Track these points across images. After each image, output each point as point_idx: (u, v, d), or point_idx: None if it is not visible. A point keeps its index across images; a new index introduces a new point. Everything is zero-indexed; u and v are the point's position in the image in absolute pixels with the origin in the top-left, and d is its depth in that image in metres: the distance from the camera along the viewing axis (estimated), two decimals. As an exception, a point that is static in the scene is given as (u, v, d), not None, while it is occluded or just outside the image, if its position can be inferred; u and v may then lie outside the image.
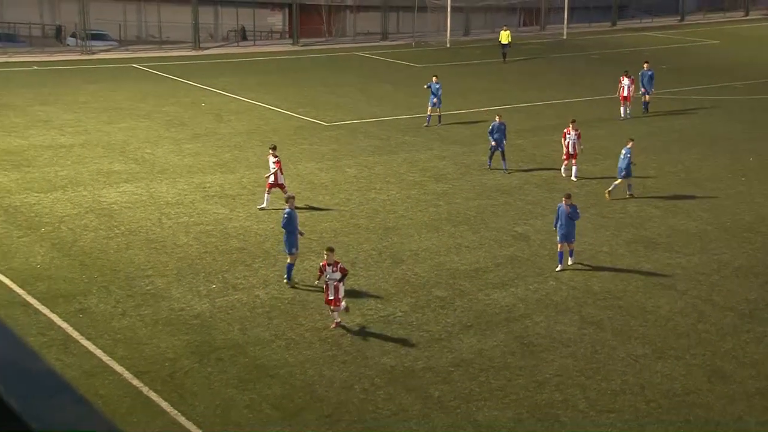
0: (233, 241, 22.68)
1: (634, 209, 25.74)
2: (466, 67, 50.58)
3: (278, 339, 17.54)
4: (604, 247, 22.76)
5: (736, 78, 46.61)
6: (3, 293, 19.28)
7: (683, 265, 21.79)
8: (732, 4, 75.69)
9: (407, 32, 61.61)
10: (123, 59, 50.73)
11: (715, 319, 18.85)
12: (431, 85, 34.67)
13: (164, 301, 19.13)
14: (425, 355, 17.00)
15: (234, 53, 54.78)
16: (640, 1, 76.56)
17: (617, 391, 15.91)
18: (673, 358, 17.15)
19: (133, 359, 16.58)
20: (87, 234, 22.92)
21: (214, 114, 36.91)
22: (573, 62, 52.99)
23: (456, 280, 20.55)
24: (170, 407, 14.99)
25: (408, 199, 26.34)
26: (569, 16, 62.83)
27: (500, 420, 14.89)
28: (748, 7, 74.61)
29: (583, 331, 18.15)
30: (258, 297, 19.40)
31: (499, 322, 18.48)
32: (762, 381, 16.39)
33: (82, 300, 19.03)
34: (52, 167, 28.69)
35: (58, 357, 16.43)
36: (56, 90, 40.93)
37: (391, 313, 18.79)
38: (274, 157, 24.87)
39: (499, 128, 28.78)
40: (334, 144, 32.56)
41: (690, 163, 30.51)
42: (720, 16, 73.30)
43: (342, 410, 15.07)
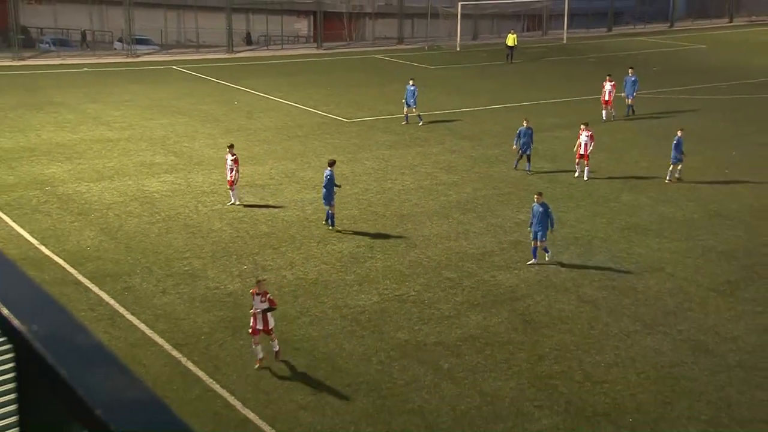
0: (262, 226, 22.72)
1: (627, 199, 25.59)
2: (474, 68, 50.33)
3: (303, 316, 17.58)
4: (600, 234, 22.65)
5: (721, 79, 46.16)
6: (57, 272, 19.42)
7: (671, 249, 21.66)
8: (717, 11, 74.88)
9: (421, 37, 61.39)
10: (164, 62, 50.81)
11: (700, 299, 18.75)
12: (408, 87, 34.21)
13: (200, 280, 19.20)
14: (436, 331, 17.00)
15: (263, 56, 54.72)
16: (633, 8, 75.94)
17: (610, 363, 15.86)
18: (661, 333, 17.08)
19: (173, 333, 16.67)
20: (131, 219, 23.02)
21: (246, 111, 36.92)
22: (572, 65, 52.64)
23: (464, 262, 20.51)
24: (206, 376, 15.08)
25: (421, 189, 26.29)
26: (569, 22, 62.38)
27: (504, 390, 14.89)
28: (732, 15, 73.80)
29: (580, 310, 18.10)
30: (285, 277, 19.44)
31: (504, 301, 18.45)
32: (741, 354, 16.30)
33: (127, 279, 19.14)
34: (101, 159, 28.81)
35: (106, 330, 16.54)
36: (104, 89, 41.04)
37: (405, 292, 18.79)
38: (231, 156, 23.98)
39: (526, 132, 27.66)
40: (354, 138, 32.51)
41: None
42: (707, 22, 72.55)
43: (360, 380, 15.10)
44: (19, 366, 1.69)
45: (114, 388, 1.51)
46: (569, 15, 62.14)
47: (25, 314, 1.66)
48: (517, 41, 52.21)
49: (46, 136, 31.61)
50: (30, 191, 25.15)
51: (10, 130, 32.39)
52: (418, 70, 49.32)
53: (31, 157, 28.81)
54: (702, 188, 26.79)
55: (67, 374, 1.49)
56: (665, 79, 46.22)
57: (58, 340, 1.59)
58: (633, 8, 76.08)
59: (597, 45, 61.07)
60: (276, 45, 58.69)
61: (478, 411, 14.23)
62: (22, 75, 44.57)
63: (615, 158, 29.70)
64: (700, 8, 75.37)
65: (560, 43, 61.02)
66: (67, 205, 24.04)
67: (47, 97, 38.62)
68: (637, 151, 31.08)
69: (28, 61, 48.61)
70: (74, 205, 24.10)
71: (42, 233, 21.75)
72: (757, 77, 47.02)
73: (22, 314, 1.66)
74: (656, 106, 38.96)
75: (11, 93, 39.18)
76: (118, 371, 1.55)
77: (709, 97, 41.31)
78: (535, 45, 60.01)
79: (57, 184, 25.97)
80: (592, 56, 55.47)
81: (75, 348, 1.59)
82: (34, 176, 26.64)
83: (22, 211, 23.43)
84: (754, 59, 53.96)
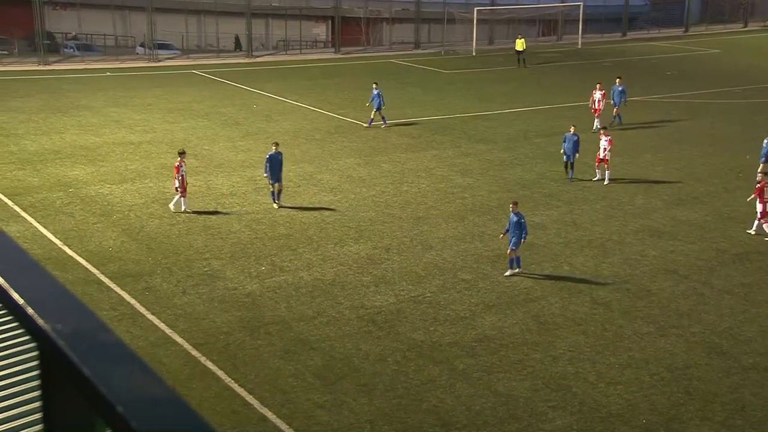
0: (280, 228, 22.78)
1: (641, 201, 25.46)
2: (490, 73, 50.25)
3: (320, 316, 17.61)
4: (614, 236, 22.55)
5: (736, 83, 45.84)
6: (80, 272, 19.55)
7: (685, 252, 21.53)
8: (732, 16, 74.38)
9: (437, 42, 61.34)
10: (185, 66, 51.05)
11: (714, 301, 18.62)
12: (373, 92, 33.96)
13: (220, 281, 19.27)
14: (451, 332, 16.98)
15: (282, 60, 54.88)
16: (648, 13, 75.53)
17: (624, 365, 15.78)
18: (675, 335, 16.98)
19: (192, 332, 16.75)
20: (152, 221, 23.15)
21: (265, 115, 37.03)
22: (587, 69, 52.45)
23: (479, 264, 20.48)
24: (225, 375, 15.13)
25: (437, 192, 26.27)
26: (584, 27, 62.16)
27: (518, 390, 14.84)
28: (746, 20, 73.30)
29: (594, 311, 18.03)
30: (302, 278, 19.48)
31: (518, 303, 18.40)
32: (755, 357, 16.18)
33: (148, 279, 19.24)
34: (123, 162, 28.98)
35: (128, 329, 16.64)
36: (127, 93, 41.29)
37: (421, 293, 18.78)
38: (184, 163, 23.59)
39: (572, 139, 27.11)
40: (371, 142, 32.53)
41: (692, 161, 30.10)
42: (721, 27, 72.06)
43: (376, 380, 15.11)
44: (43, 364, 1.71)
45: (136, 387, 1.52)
46: (584, 20, 61.91)
47: (50, 314, 1.68)
48: (525, 45, 51.95)
49: (69, 139, 31.84)
50: (54, 193, 25.34)
51: (35, 133, 32.66)
52: (433, 74, 49.35)
53: (55, 159, 29.03)
54: (715, 191, 26.60)
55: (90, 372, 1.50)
56: (680, 83, 45.97)
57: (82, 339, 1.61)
58: (647, 13, 75.70)
59: (611, 50, 60.81)
60: (294, 50, 58.86)
61: (492, 411, 14.20)
62: (46, 79, 44.91)
63: (629, 161, 29.53)
64: (714, 13, 74.87)
65: (575, 47, 60.81)
66: (90, 207, 24.20)
67: (71, 100, 38.91)
68: (650, 154, 30.90)
69: (52, 66, 49.01)
70: (97, 206, 24.26)
71: (65, 234, 21.90)
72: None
73: (47, 314, 1.67)
74: (670, 110, 38.74)
75: (36, 97, 39.50)
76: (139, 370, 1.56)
77: (724, 101, 41.02)
78: (549, 50, 59.84)
79: (80, 185, 26.15)
80: (606, 61, 55.24)
81: (98, 347, 1.60)
82: (58, 178, 26.84)
83: (46, 212, 23.61)
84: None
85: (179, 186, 23.52)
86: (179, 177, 23.43)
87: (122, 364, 1.57)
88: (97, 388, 1.47)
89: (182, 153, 23.99)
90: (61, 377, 1.59)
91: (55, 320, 1.65)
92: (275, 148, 24.72)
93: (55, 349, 1.58)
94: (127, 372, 1.55)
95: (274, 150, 24.64)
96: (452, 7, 61.76)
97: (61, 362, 1.56)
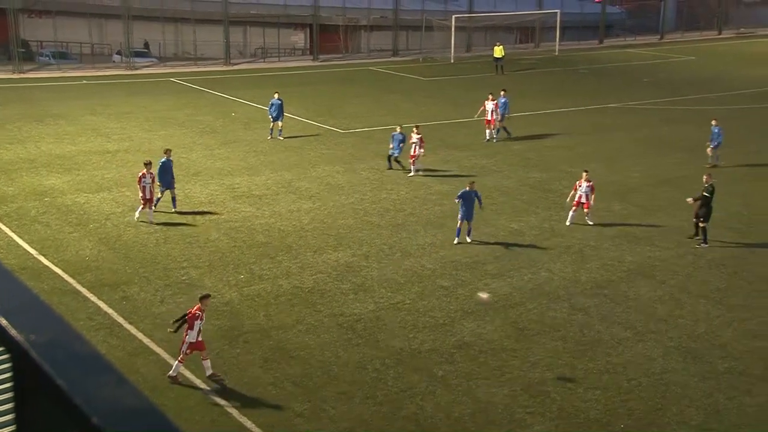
0: (259, 236, 22.72)
1: (618, 207, 25.65)
2: (468, 80, 50.46)
3: (299, 324, 17.57)
4: (591, 242, 22.70)
5: (710, 90, 46.36)
6: (56, 282, 19.38)
7: (662, 257, 21.72)
8: (707, 24, 75.20)
9: (415, 49, 61.54)
10: (162, 74, 50.83)
11: (690, 306, 18.79)
12: (272, 101, 33.55)
13: (198, 289, 19.11)
14: (430, 338, 17.00)
15: (260, 68, 54.79)
16: (624, 21, 76.23)
17: (602, 370, 15.88)
18: (653, 340, 17.11)
19: (171, 342, 16.61)
20: (129, 230, 23.00)
21: (243, 122, 36.95)
22: (564, 76, 52.82)
23: (458, 271, 20.53)
24: (203, 384, 15.05)
25: (416, 199, 26.32)
26: (561, 35, 62.60)
27: (497, 396, 14.89)
28: (720, 27, 74.13)
29: (572, 317, 18.12)
30: (281, 286, 19.43)
31: (497, 309, 18.46)
32: (730, 361, 16.34)
33: (126, 288, 19.11)
34: (100, 170, 28.79)
35: (105, 339, 16.51)
36: (103, 101, 41.03)
37: (400, 300, 18.80)
38: (149, 173, 23.38)
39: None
40: (350, 149, 32.54)
41: (669, 167, 30.38)
42: (696, 34, 72.84)
43: (356, 388, 15.09)
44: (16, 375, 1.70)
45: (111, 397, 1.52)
46: (561, 27, 62.36)
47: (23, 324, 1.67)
48: (504, 52, 52.24)
49: (45, 148, 31.58)
50: (29, 202, 25.11)
51: (10, 141, 32.36)
52: (412, 81, 49.49)
53: (30, 168, 28.78)
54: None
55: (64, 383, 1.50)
56: (656, 89, 46.40)
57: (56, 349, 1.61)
58: (624, 21, 76.39)
59: (588, 57, 61.28)
60: (273, 57, 58.78)
61: (471, 417, 14.23)
62: (22, 87, 44.53)
63: (606, 168, 29.73)
64: (689, 21, 75.66)
65: (552, 54, 61.21)
66: (66, 216, 24.01)
67: (47, 109, 38.61)
68: (627, 160, 31.15)
69: (28, 74, 48.61)
70: (73, 215, 24.07)
71: (41, 243, 21.71)
72: (746, 88, 47.21)
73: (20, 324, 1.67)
74: (647, 116, 39.10)
75: (11, 105, 39.15)
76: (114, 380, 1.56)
77: (700, 108, 41.43)
78: (527, 57, 60.20)
79: (56, 194, 25.94)
80: (583, 68, 55.66)
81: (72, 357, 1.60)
82: (34, 187, 26.61)
83: (22, 221, 23.39)
84: (742, 70, 54.19)
85: (142, 196, 23.39)
86: (141, 187, 23.29)
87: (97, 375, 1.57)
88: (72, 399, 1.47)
89: (148, 163, 23.77)
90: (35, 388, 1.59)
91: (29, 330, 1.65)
92: (167, 155, 24.59)
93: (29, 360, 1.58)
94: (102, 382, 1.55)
95: (165, 157, 24.47)
96: (430, 14, 61.97)
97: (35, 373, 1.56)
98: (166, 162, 24.43)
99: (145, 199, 23.39)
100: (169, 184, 24.45)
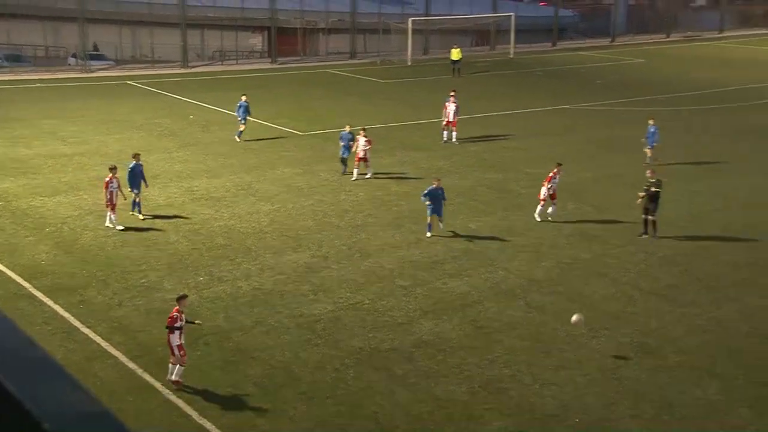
0: (218, 238, 22.55)
1: (572, 207, 25.94)
2: (424, 82, 50.63)
3: (259, 325, 17.48)
4: (547, 241, 22.93)
5: (660, 92, 47.13)
6: (12, 287, 19.03)
7: (615, 255, 22.03)
8: (656, 27, 76.36)
9: (373, 51, 61.55)
10: (119, 77, 50.14)
11: (642, 302, 19.09)
12: (240, 103, 33.33)
13: (157, 292, 18.97)
14: (390, 338, 17.03)
15: (218, 71, 54.35)
16: (576, 24, 77.19)
17: (558, 366, 16.06)
18: (606, 336, 17.35)
19: (129, 345, 16.45)
20: (87, 233, 22.67)
21: (201, 125, 36.62)
22: (519, 78, 53.30)
23: (417, 271, 20.60)
24: (163, 387, 14.90)
25: (374, 200, 26.34)
26: (515, 38, 63.17)
27: (456, 394, 14.97)
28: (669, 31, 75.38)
29: (529, 315, 18.30)
30: (240, 288, 19.31)
31: (455, 308, 18.56)
32: (681, 356, 16.64)
33: (83, 292, 18.83)
34: (56, 174, 28.33)
35: (62, 344, 16.25)
36: (59, 105, 40.36)
37: (359, 300, 18.80)
38: (115, 178, 22.98)
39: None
40: (309, 151, 32.45)
41: (620, 167, 30.80)
42: (645, 37, 73.93)
43: (316, 387, 15.06)
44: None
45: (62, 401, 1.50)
46: (516, 30, 62.91)
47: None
48: (461, 55, 52.61)
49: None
50: (-16, 206, 24.61)
51: (-36, 145, 31.68)
52: (370, 84, 49.52)
53: (-15, 172, 28.20)
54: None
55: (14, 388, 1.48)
56: (608, 91, 47.03)
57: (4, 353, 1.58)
58: (576, 24, 77.34)
59: (542, 59, 61.89)
60: (231, 60, 58.36)
61: (431, 415, 14.28)
62: (-25, 90, 43.62)
63: (560, 168, 29.97)
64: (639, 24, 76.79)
65: (507, 57, 61.71)
66: (22, 220, 23.58)
67: (0, 112, 37.84)
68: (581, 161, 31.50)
69: (-19, 77, 47.62)
70: (29, 219, 23.65)
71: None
72: (693, 90, 48.09)
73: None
74: (598, 118, 39.63)
75: (-36, 108, 38.32)
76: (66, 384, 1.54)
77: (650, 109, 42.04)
78: (483, 59, 60.62)
79: (11, 198, 25.45)
80: (538, 70, 56.21)
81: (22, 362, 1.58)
82: (-11, 191, 26.08)
83: (-24, 226, 22.91)
84: (690, 73, 55.20)
85: (108, 202, 22.95)
86: (108, 192, 22.89)
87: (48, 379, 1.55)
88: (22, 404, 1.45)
89: (113, 168, 23.35)
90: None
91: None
92: (136, 159, 24.14)
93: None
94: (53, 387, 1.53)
95: (135, 162, 24.04)
96: (387, 17, 62.07)
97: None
98: (136, 166, 23.98)
99: (112, 204, 22.96)
100: (139, 188, 24.01)
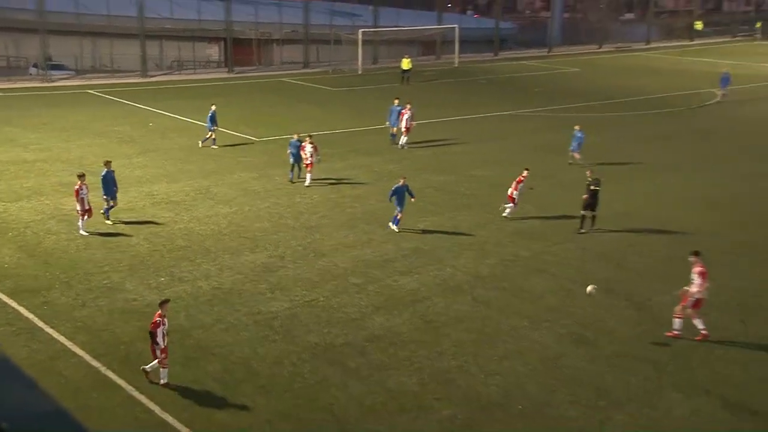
0: (178, 240, 22.26)
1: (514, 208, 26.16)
2: (374, 90, 50.69)
3: (218, 323, 17.30)
4: (491, 239, 23.13)
5: (594, 99, 47.92)
6: (-25, 290, 18.51)
7: (555, 252, 22.31)
8: (589, 39, 77.66)
9: (325, 61, 61.43)
10: (79, 86, 49.19)
11: (580, 296, 19.34)
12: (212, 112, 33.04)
13: (119, 293, 18.66)
14: (344, 333, 17.00)
15: (176, 80, 53.67)
16: (516, 35, 78.12)
17: (501, 356, 16.20)
18: (546, 329, 17.55)
19: (93, 344, 16.14)
20: (49, 237, 22.19)
21: (160, 132, 36.12)
22: (464, 85, 53.67)
23: (369, 269, 20.60)
24: (126, 384, 14.65)
25: (328, 202, 26.28)
26: (460, 48, 63.63)
27: (407, 385, 15.00)
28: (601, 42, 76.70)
29: (475, 309, 18.43)
30: (200, 288, 19.09)
31: (405, 304, 18.61)
32: (616, 345, 16.91)
33: (46, 294, 18.43)
34: (18, 180, 27.67)
35: (26, 344, 15.88)
36: (20, 113, 39.43)
37: (314, 298, 18.73)
38: (85, 185, 22.46)
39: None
40: (265, 156, 32.23)
41: (559, 170, 31.22)
42: (579, 48, 75.12)
43: (274, 382, 14.96)
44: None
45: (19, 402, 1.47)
46: (460, 41, 63.40)
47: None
48: (411, 65, 52.94)
49: (-38, 158, 30.14)
50: (-53, 212, 23.91)
51: (-74, 152, 30.74)
52: (322, 92, 49.39)
53: (-53, 178, 27.40)
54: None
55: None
56: (545, 98, 47.62)
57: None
58: (515, 35, 78.34)
59: (485, 68, 62.45)
60: (188, 69, 57.70)
61: (383, 406, 14.29)
62: (-63, 99, 42.36)
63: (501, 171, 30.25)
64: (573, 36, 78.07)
65: (452, 66, 62.12)
66: (-15, 225, 22.95)
67: (-37, 120, 36.83)
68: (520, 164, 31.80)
69: (-57, 86, 46.29)
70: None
71: (-41, 252, 20.70)
72: (623, 97, 48.98)
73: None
74: (538, 123, 40.11)
75: (-74, 117, 37.17)
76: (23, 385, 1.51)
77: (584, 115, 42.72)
78: (430, 68, 60.92)
79: (-26, 204, 24.77)
80: (481, 78, 56.69)
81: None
82: (-49, 197, 25.35)
83: (-61, 231, 22.25)
84: (620, 81, 56.21)
85: (80, 209, 22.41)
86: (80, 199, 22.36)
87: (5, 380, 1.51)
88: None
89: (82, 176, 22.79)
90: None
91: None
92: (107, 166, 23.69)
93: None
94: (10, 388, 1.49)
95: (106, 169, 23.64)
96: (338, 29, 62.10)
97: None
98: (108, 174, 23.54)
99: (84, 210, 22.39)
100: (114, 195, 23.68)
